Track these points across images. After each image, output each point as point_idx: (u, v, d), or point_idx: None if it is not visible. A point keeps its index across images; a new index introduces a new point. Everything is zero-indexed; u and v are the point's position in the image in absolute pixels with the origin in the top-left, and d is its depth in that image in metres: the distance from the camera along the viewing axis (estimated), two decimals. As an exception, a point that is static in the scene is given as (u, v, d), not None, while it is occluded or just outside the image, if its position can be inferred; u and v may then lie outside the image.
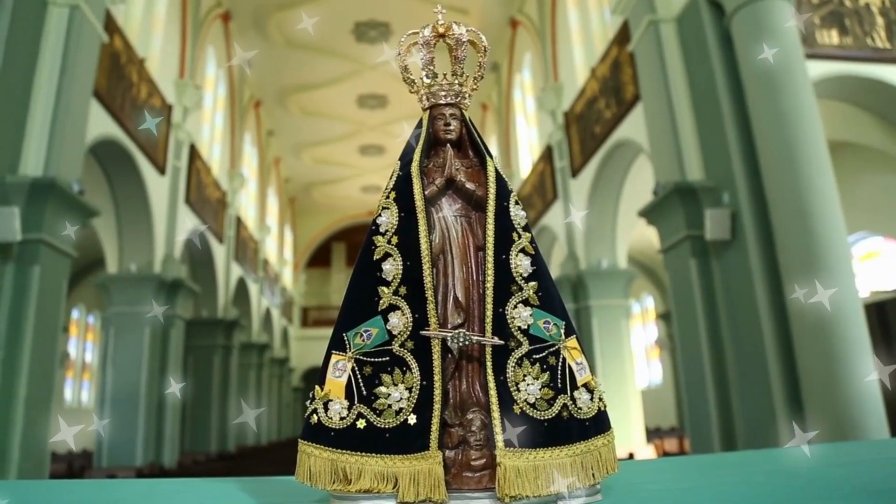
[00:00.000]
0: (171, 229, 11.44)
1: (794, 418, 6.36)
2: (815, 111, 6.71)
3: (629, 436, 11.04)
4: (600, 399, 1.17)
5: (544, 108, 13.86)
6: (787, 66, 6.69)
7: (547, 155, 14.01)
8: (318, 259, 28.47)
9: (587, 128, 11.82)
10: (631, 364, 11.81)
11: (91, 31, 7.75)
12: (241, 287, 17.06)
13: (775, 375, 6.58)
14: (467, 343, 1.15)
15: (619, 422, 10.76)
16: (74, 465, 10.25)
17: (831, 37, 7.97)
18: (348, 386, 1.15)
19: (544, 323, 1.17)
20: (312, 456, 1.14)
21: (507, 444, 1.09)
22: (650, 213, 8.54)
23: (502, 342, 1.14)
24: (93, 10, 7.72)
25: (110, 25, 8.57)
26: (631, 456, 9.05)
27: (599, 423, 1.16)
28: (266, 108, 19.46)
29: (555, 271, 13.98)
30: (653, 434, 13.49)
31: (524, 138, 16.83)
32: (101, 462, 9.57)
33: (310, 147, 21.89)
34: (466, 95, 1.33)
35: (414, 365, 1.15)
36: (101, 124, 8.64)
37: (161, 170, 11.04)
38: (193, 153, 12.74)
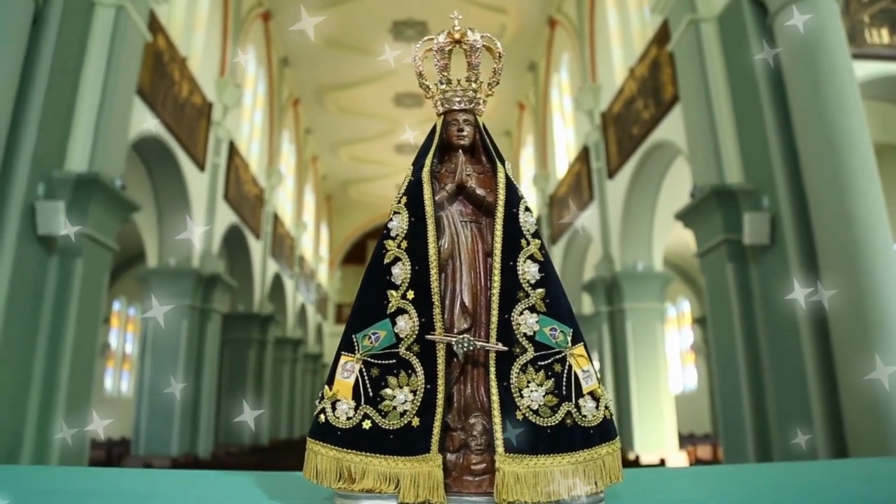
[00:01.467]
0: (209, 224, 11.68)
1: (833, 430, 6.19)
2: (861, 113, 6.50)
3: (661, 441, 10.88)
4: (606, 407, 1.16)
5: (581, 109, 13.74)
6: (831, 67, 6.50)
7: (583, 156, 13.89)
8: (354, 256, 28.73)
9: (625, 128, 11.68)
10: (665, 369, 11.63)
11: (135, 30, 7.96)
12: (277, 283, 17.32)
13: (813, 385, 6.41)
14: (471, 348, 1.15)
15: (651, 427, 10.73)
16: (113, 453, 10.55)
17: (881, 36, 7.72)
18: (356, 387, 1.17)
19: (551, 330, 1.16)
20: (319, 454, 1.16)
21: (508, 449, 1.10)
22: (687, 216, 8.40)
23: (506, 348, 1.14)
24: (137, 10, 7.93)
25: (154, 25, 8.79)
26: (662, 462, 8.91)
27: (604, 432, 1.15)
28: (304, 107, 19.71)
29: (589, 273, 13.86)
30: (686, 440, 13.27)
31: (561, 138, 16.70)
32: (139, 450, 9.83)
33: (347, 145, 22.10)
34: (481, 101, 1.32)
35: (419, 368, 1.16)
36: (143, 121, 8.86)
37: (201, 166, 11.28)
38: (232, 150, 12.99)
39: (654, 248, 11.89)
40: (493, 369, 1.14)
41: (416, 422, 1.13)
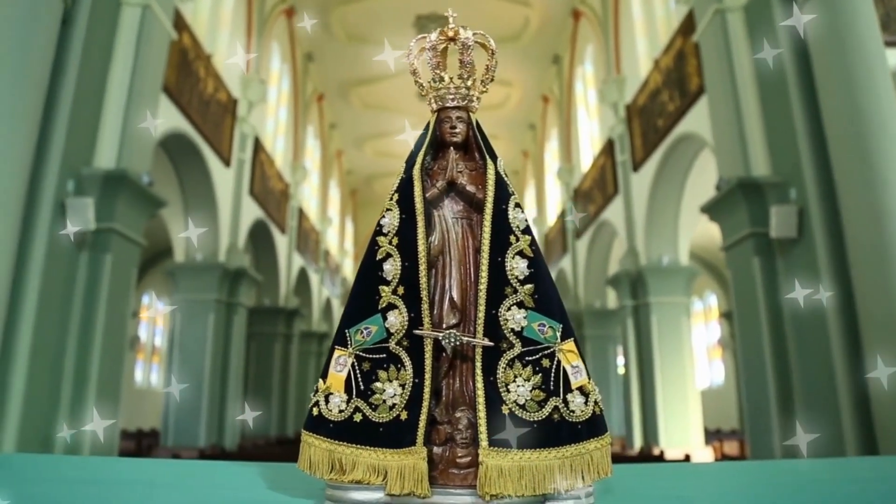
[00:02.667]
0: (235, 220, 11.84)
1: (862, 426, 6.07)
2: (893, 102, 6.30)
3: (686, 437, 10.78)
4: (596, 403, 1.17)
5: (606, 101, 13.61)
6: (863, 55, 6.33)
7: (608, 149, 13.78)
8: (378, 250, 28.82)
9: (649, 121, 11.55)
10: (691, 363, 11.52)
11: (161, 29, 8.09)
12: (303, 277, 17.49)
13: (842, 382, 6.29)
14: (458, 343, 1.17)
15: (676, 422, 10.63)
16: (143, 444, 10.78)
17: (918, 23, 7.50)
18: (347, 380, 1.20)
19: (539, 325, 1.17)
20: (312, 446, 1.19)
21: (493, 443, 1.11)
22: (712, 209, 8.30)
23: (491, 344, 1.15)
24: (163, 9, 8.06)
25: (179, 23, 8.92)
26: (687, 458, 8.83)
27: (593, 427, 1.15)
28: (328, 102, 19.82)
29: (614, 266, 13.76)
30: (713, 436, 13.13)
31: (585, 132, 16.58)
32: (168, 441, 10.03)
33: (371, 140, 22.19)
34: (474, 98, 1.33)
35: (408, 362, 1.18)
36: (170, 118, 9.01)
37: (226, 162, 11.43)
38: (258, 146, 13.13)
39: (679, 241, 11.77)
40: (479, 364, 1.16)
41: (404, 415, 1.15)
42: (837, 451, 6.25)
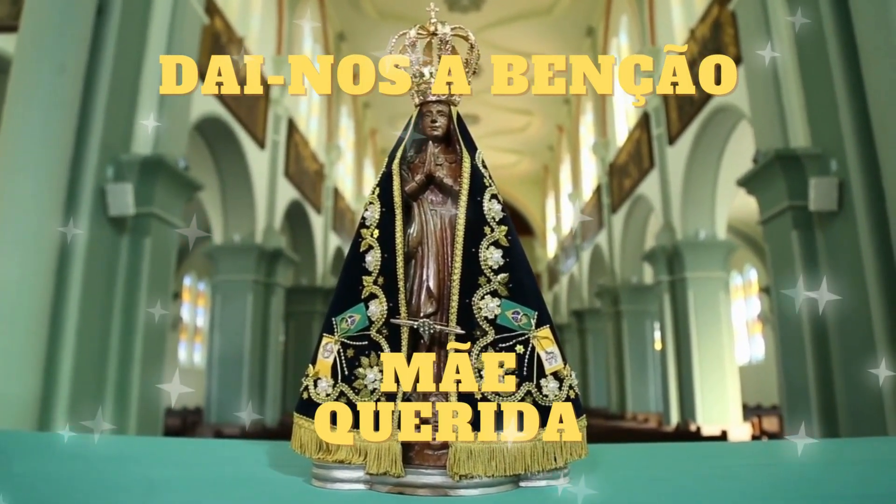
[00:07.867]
0: (271, 201, 12.02)
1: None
2: (941, 68, 6.05)
3: (724, 413, 10.69)
4: (571, 387, 1.20)
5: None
6: (907, 20, 6.05)
7: (643, 122, 13.54)
8: (414, 229, 28.98)
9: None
10: (730, 339, 11.36)
11: (193, 14, 8.21)
12: (339, 256, 17.69)
13: (884, 357, 6.12)
14: (432, 331, 1.21)
15: (714, 399, 10.52)
16: (188, 421, 11.15)
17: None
18: (333, 366, 1.27)
19: (513, 313, 1.20)
20: (303, 428, 1.26)
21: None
22: (749, 182, 8.12)
23: (463, 331, 1.19)
24: (195, -5, 8.16)
25: (211, 7, 9.04)
26: (724, 434, 8.76)
27: None
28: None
29: (649, 241, 13.59)
30: (752, 412, 12.97)
31: (620, 105, 16.29)
32: (210, 419, 10.36)
33: (405, 119, 22.04)
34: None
35: (387, 349, 1.24)
36: (204, 103, 9.17)
37: (261, 144, 11.59)
38: (291, 127, 13.26)
39: (716, 215, 11.56)
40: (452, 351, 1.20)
41: (383, 399, 1.21)
42: (878, 430, 6.12)
